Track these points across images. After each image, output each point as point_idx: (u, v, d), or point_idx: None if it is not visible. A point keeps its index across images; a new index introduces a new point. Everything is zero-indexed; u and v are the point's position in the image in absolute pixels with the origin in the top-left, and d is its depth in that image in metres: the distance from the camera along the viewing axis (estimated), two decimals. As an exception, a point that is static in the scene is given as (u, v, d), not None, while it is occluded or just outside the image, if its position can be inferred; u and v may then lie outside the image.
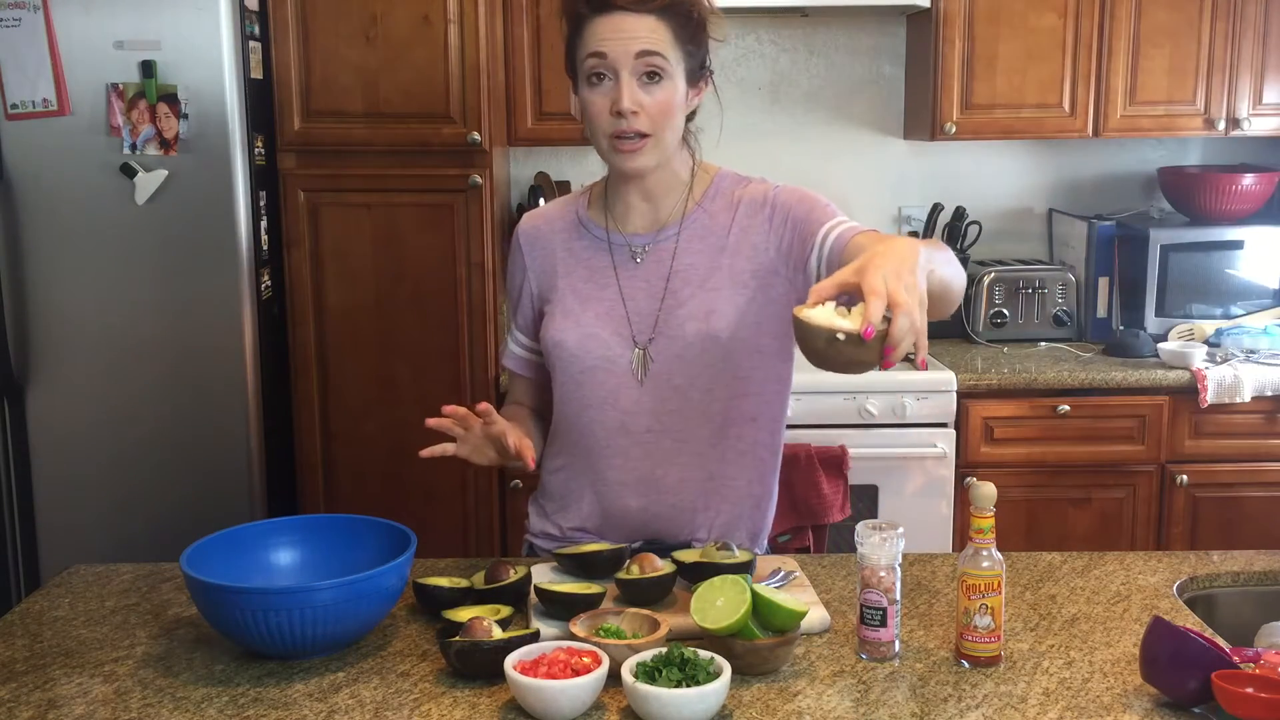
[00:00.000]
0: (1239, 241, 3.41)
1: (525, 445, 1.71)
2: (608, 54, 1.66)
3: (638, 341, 1.77)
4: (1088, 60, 3.31)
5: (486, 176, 3.05)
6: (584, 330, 1.78)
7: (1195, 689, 1.35)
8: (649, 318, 1.77)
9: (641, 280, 1.79)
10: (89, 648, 1.57)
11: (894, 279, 1.32)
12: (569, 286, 1.82)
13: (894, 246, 1.39)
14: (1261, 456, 3.15)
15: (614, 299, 1.79)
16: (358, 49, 2.99)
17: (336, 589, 1.46)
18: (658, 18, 1.67)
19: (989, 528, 1.47)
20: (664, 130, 1.70)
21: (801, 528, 2.22)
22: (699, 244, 1.78)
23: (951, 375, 3.10)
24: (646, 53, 1.66)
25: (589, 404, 1.80)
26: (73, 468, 2.95)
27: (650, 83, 1.67)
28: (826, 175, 3.70)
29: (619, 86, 1.67)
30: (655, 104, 1.68)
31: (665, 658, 1.36)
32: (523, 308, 1.91)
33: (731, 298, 1.75)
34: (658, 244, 1.79)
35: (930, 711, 1.37)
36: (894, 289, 1.31)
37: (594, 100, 1.69)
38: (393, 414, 3.12)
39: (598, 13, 1.67)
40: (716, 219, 1.79)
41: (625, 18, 1.66)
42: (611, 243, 1.81)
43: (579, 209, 1.86)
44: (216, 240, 2.89)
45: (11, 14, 2.78)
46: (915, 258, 1.37)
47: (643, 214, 1.81)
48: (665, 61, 1.67)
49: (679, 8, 1.68)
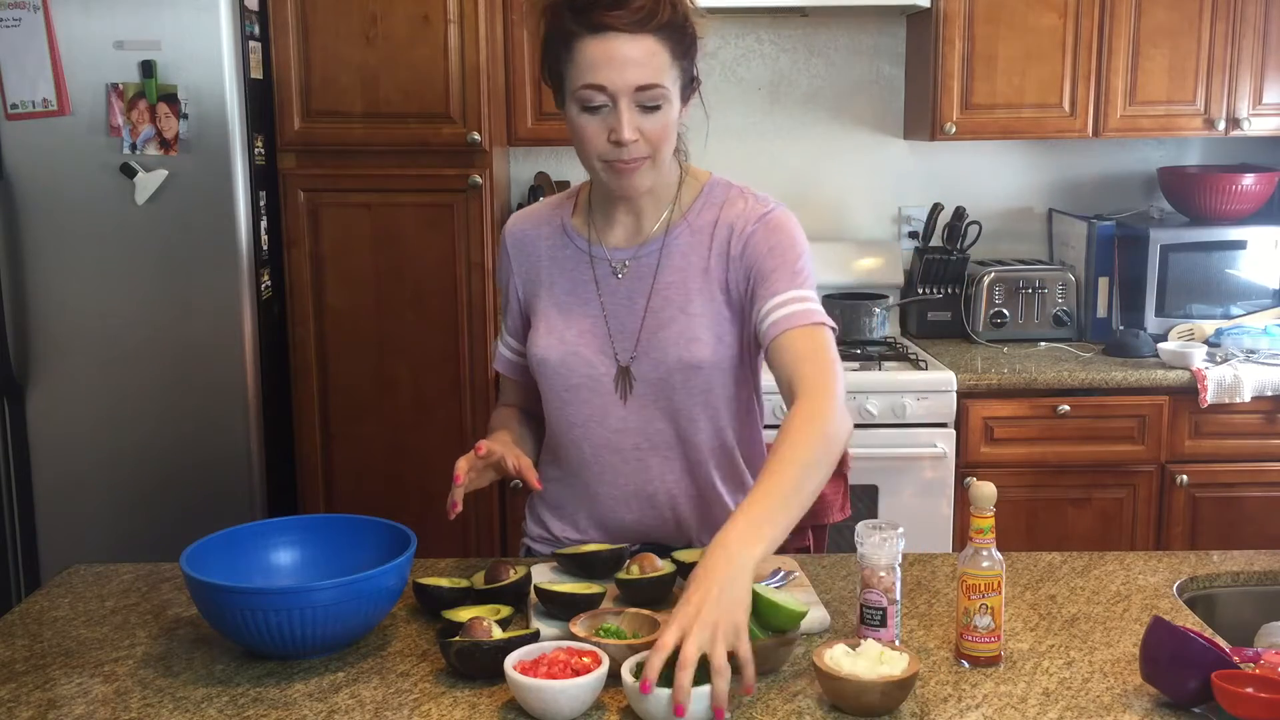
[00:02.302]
0: (1239, 241, 3.41)
1: (525, 465, 1.72)
2: (606, 86, 1.57)
3: (619, 360, 1.76)
4: (1088, 60, 3.31)
5: (486, 176, 3.05)
6: (567, 347, 1.76)
7: (1195, 689, 1.34)
8: (631, 336, 1.75)
9: (623, 297, 1.76)
10: (89, 648, 1.57)
11: (691, 637, 1.29)
12: (551, 299, 1.80)
13: (709, 583, 1.34)
14: (1261, 456, 3.15)
15: (596, 315, 1.76)
16: (357, 49, 2.99)
17: (336, 589, 1.46)
18: (656, 38, 1.58)
19: (989, 528, 1.47)
20: (661, 151, 1.65)
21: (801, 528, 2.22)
22: (680, 261, 1.74)
23: (951, 375, 3.10)
24: (645, 86, 1.58)
25: (575, 422, 1.79)
26: (73, 468, 2.95)
27: (649, 109, 1.61)
28: (826, 175, 3.70)
29: (618, 116, 1.59)
30: (655, 129, 1.61)
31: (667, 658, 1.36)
32: (511, 310, 1.90)
33: (711, 325, 1.72)
34: (639, 259, 1.75)
35: (930, 711, 1.37)
36: (685, 648, 1.28)
37: (588, 126, 1.61)
38: (393, 414, 3.12)
39: (591, 33, 1.57)
40: (699, 236, 1.74)
41: (622, 41, 1.56)
42: (593, 256, 1.78)
43: (564, 217, 1.82)
44: (216, 240, 2.89)
45: (11, 14, 2.78)
46: (732, 594, 1.34)
47: (627, 227, 1.77)
48: (664, 90, 1.60)
49: (675, 24, 1.60)
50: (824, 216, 3.70)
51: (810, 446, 1.51)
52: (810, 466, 1.51)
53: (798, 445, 1.51)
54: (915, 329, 3.60)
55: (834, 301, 3.50)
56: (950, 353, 3.37)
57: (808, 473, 1.50)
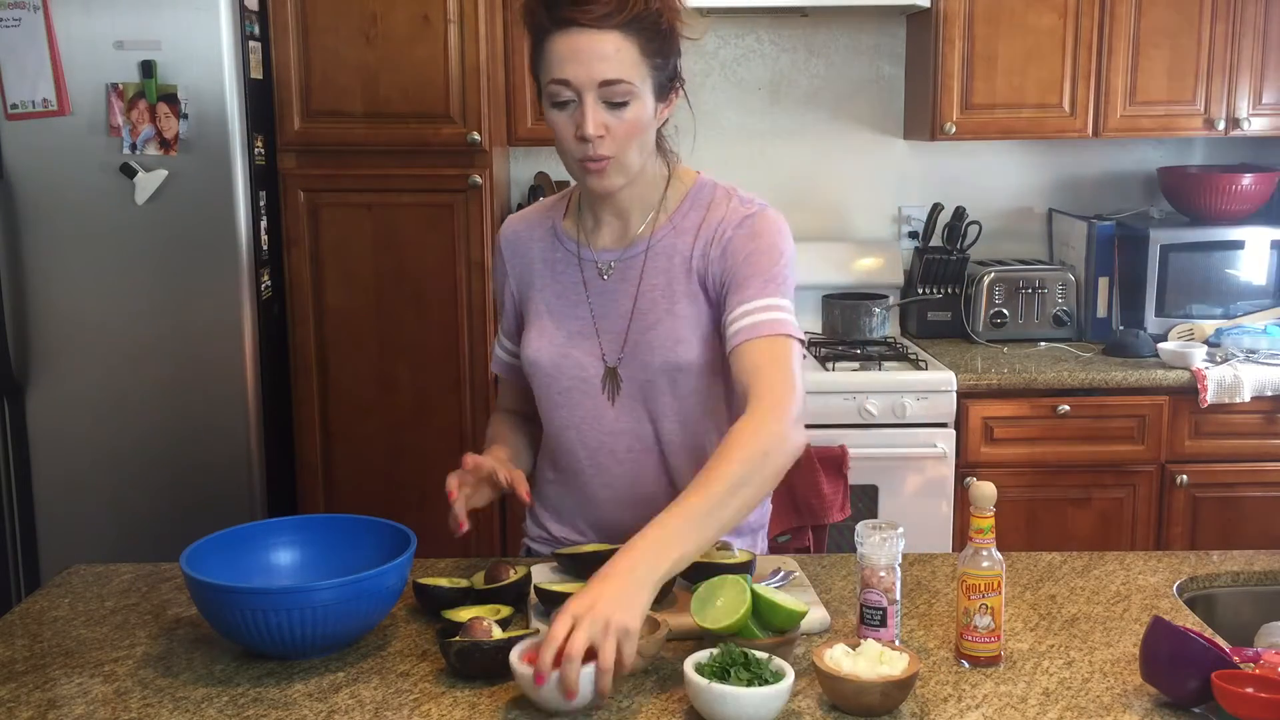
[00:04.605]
0: (1239, 241, 3.41)
1: (517, 479, 1.72)
2: (570, 80, 1.58)
3: (606, 361, 1.76)
4: (1088, 60, 3.31)
5: (486, 176, 3.05)
6: (558, 349, 1.77)
7: (1195, 689, 1.34)
8: (618, 338, 1.75)
9: (610, 299, 1.76)
10: (89, 648, 1.57)
11: (582, 628, 1.31)
12: (543, 301, 1.80)
13: (610, 583, 1.36)
14: (1261, 456, 3.15)
15: (585, 318, 1.77)
16: (357, 49, 2.99)
17: (336, 589, 1.46)
18: (622, 34, 1.57)
19: (989, 528, 1.47)
20: (629, 151, 1.63)
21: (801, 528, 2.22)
22: (665, 263, 1.73)
23: (951, 375, 3.10)
24: (610, 81, 1.57)
25: (569, 424, 1.79)
26: (73, 467, 2.96)
27: (616, 104, 1.60)
28: (826, 175, 3.70)
29: (582, 111, 1.59)
30: (621, 125, 1.60)
31: (728, 657, 1.36)
32: (507, 311, 1.90)
33: (696, 326, 1.72)
34: (625, 261, 1.75)
35: (930, 711, 1.37)
36: (574, 639, 1.30)
37: (559, 122, 1.62)
38: (393, 414, 3.12)
39: (558, 28, 1.58)
40: (683, 238, 1.73)
41: (587, 36, 1.56)
42: (581, 258, 1.78)
43: (555, 219, 1.82)
44: (216, 240, 2.89)
45: (11, 14, 2.78)
46: (630, 598, 1.35)
47: (613, 229, 1.77)
48: (630, 86, 1.58)
49: (644, 20, 1.58)
50: (824, 216, 3.70)
51: (743, 463, 1.49)
52: (739, 485, 1.48)
53: (731, 462, 1.50)
54: (915, 329, 3.60)
55: (834, 301, 3.50)
56: (950, 353, 3.37)
57: (734, 491, 1.48)
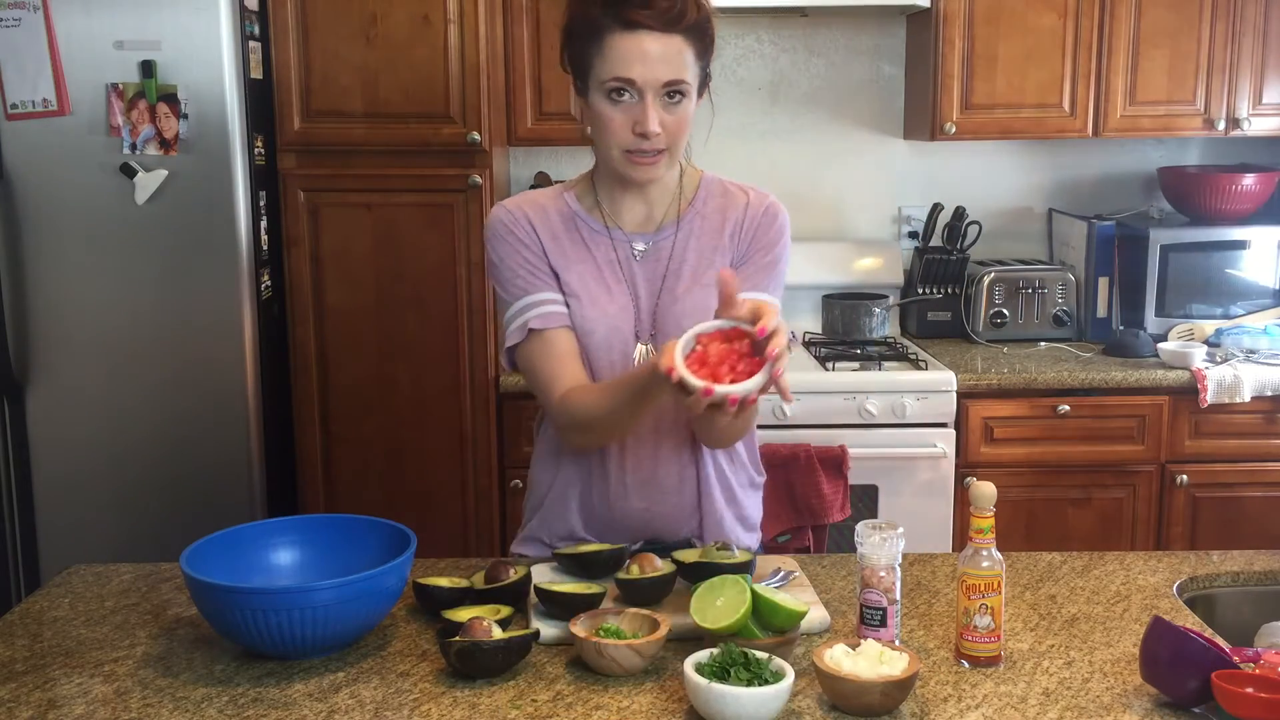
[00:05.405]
0: (1239, 241, 3.41)
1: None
2: (636, 80, 1.65)
3: (640, 337, 1.78)
4: (1088, 60, 3.31)
5: (486, 176, 3.05)
6: (610, 323, 1.77)
7: (1195, 689, 1.35)
8: (649, 314, 1.79)
9: (644, 278, 1.80)
10: (89, 648, 1.57)
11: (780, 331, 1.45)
12: (586, 275, 1.78)
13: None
14: (1261, 456, 3.15)
15: (628, 295, 1.79)
16: (357, 49, 2.99)
17: (336, 589, 1.46)
18: (683, 38, 1.66)
19: (989, 528, 1.47)
20: (679, 143, 1.72)
21: (801, 527, 2.23)
22: (695, 242, 1.80)
23: (951, 375, 3.10)
24: (672, 82, 1.66)
25: None
26: (73, 468, 2.95)
27: (671, 102, 1.68)
28: (826, 175, 3.70)
29: (644, 109, 1.66)
30: (675, 121, 1.69)
31: (728, 657, 1.36)
32: (540, 274, 1.78)
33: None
34: (657, 242, 1.80)
35: (930, 711, 1.37)
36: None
37: (613, 116, 1.68)
38: (393, 414, 3.12)
39: (625, 29, 1.64)
40: (710, 220, 1.81)
41: (652, 39, 1.64)
42: (614, 238, 1.81)
43: (570, 204, 1.82)
44: (216, 240, 2.89)
45: (11, 14, 2.78)
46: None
47: (638, 214, 1.81)
48: (687, 85, 1.68)
49: (699, 25, 1.67)
50: (824, 216, 3.70)
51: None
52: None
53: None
54: (915, 329, 3.60)
55: (834, 301, 3.50)
56: (950, 353, 3.37)
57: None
